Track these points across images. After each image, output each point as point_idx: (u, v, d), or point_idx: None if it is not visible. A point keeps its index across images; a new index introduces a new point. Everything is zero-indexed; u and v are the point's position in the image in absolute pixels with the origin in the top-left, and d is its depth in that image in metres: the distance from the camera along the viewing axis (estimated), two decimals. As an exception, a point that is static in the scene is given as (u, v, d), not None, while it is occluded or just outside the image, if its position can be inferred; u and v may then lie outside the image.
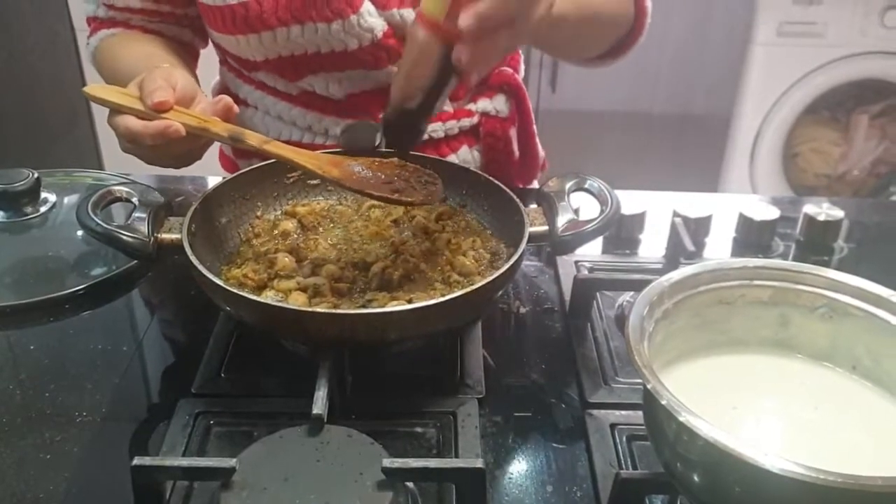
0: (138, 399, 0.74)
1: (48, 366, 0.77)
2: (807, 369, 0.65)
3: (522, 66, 1.16)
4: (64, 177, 1.07)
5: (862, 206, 1.19)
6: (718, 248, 0.96)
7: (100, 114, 2.43)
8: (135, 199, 0.76)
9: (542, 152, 1.16)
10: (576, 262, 0.91)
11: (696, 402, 0.53)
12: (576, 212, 0.79)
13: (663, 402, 0.52)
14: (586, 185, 0.81)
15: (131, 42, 1.01)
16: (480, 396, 0.71)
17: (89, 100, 0.76)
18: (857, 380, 0.64)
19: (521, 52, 1.16)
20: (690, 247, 0.85)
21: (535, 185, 1.20)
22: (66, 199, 0.99)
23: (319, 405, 0.62)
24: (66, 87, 2.36)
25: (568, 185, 0.81)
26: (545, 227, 0.78)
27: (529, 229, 0.76)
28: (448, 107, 1.05)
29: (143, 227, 0.73)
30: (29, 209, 0.95)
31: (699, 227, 0.95)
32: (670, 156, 2.49)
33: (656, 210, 0.99)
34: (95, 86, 0.79)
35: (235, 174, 0.86)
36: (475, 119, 1.07)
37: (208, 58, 1.10)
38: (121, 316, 0.85)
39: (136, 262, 0.86)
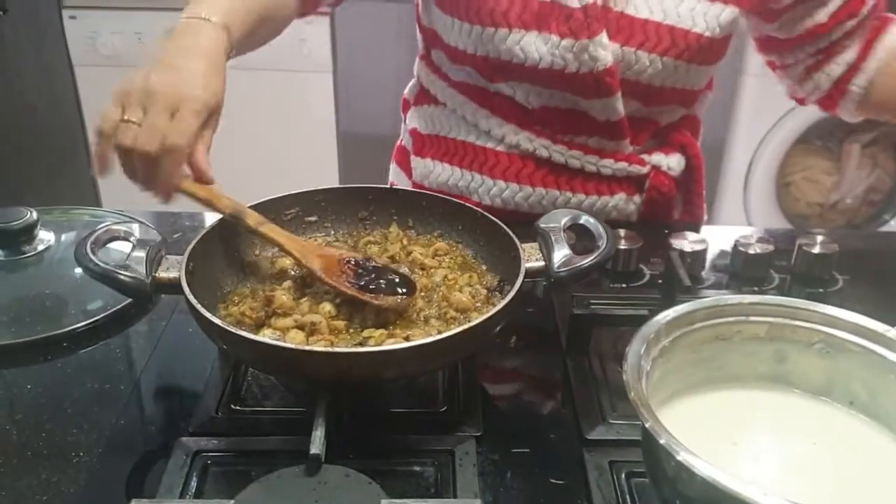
0: (135, 438, 0.74)
1: (45, 405, 0.76)
2: (804, 404, 0.65)
3: (701, 132, 1.18)
4: (61, 214, 1.07)
5: (856, 237, 1.20)
6: (714, 282, 0.96)
7: (97, 148, 2.45)
8: (132, 239, 0.76)
9: (705, 216, 1.18)
10: (572, 297, 0.91)
11: (694, 438, 0.53)
12: (571, 247, 0.80)
13: (662, 441, 0.52)
14: (581, 221, 0.82)
15: None
16: (478, 434, 0.71)
17: None
18: (855, 415, 0.64)
19: (700, 119, 1.17)
20: (686, 281, 0.85)
21: None
22: (63, 237, 1.00)
23: (317, 445, 0.62)
24: (64, 123, 2.38)
25: (563, 221, 0.81)
26: (541, 263, 0.78)
27: (526, 265, 0.77)
28: (626, 148, 1.06)
29: (141, 267, 0.73)
30: (26, 247, 0.95)
31: (695, 261, 0.96)
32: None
33: (652, 243, 0.99)
34: None
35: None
36: (645, 169, 1.07)
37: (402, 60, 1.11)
38: (118, 354, 0.85)
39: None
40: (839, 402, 0.65)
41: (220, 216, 0.82)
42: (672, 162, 1.09)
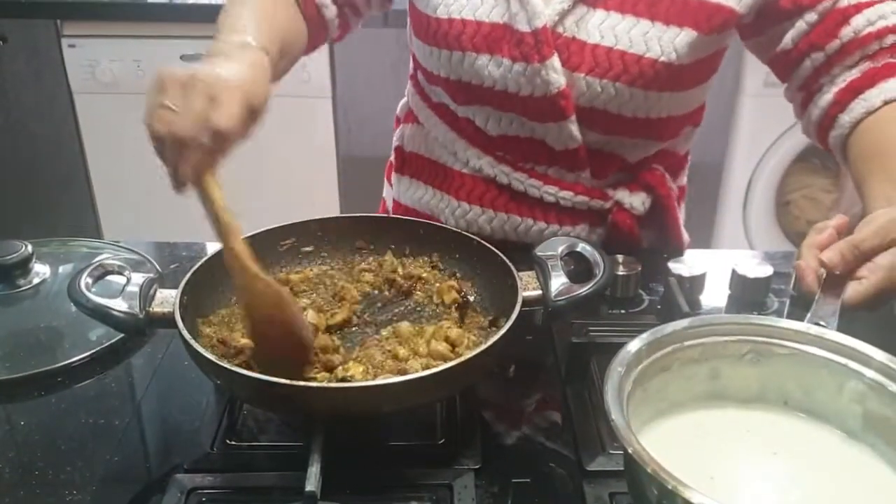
0: (130, 476, 0.73)
1: (38, 442, 0.76)
2: (741, 414, 0.67)
3: (685, 176, 1.17)
4: (59, 246, 1.07)
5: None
6: (713, 306, 0.96)
7: (97, 178, 2.45)
8: (127, 273, 0.76)
9: (686, 239, 1.15)
10: (571, 324, 0.91)
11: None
12: (568, 274, 0.79)
13: (649, 470, 0.51)
14: (578, 248, 0.82)
15: None
16: (477, 467, 0.70)
17: None
18: (799, 415, 0.66)
19: (685, 154, 1.15)
20: (685, 307, 0.85)
21: None
22: (60, 269, 0.99)
23: (312, 482, 0.61)
24: (64, 150, 2.39)
25: (560, 249, 0.81)
26: (539, 292, 0.78)
27: (523, 294, 0.76)
28: (587, 181, 1.05)
29: (135, 302, 0.73)
30: (21, 281, 0.95)
31: (693, 286, 0.95)
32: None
33: (651, 269, 0.98)
34: None
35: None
36: (608, 204, 1.06)
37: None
38: (113, 389, 0.84)
39: (128, 333, 0.85)
40: (774, 403, 0.66)
41: (218, 248, 0.82)
42: (635, 201, 1.06)
